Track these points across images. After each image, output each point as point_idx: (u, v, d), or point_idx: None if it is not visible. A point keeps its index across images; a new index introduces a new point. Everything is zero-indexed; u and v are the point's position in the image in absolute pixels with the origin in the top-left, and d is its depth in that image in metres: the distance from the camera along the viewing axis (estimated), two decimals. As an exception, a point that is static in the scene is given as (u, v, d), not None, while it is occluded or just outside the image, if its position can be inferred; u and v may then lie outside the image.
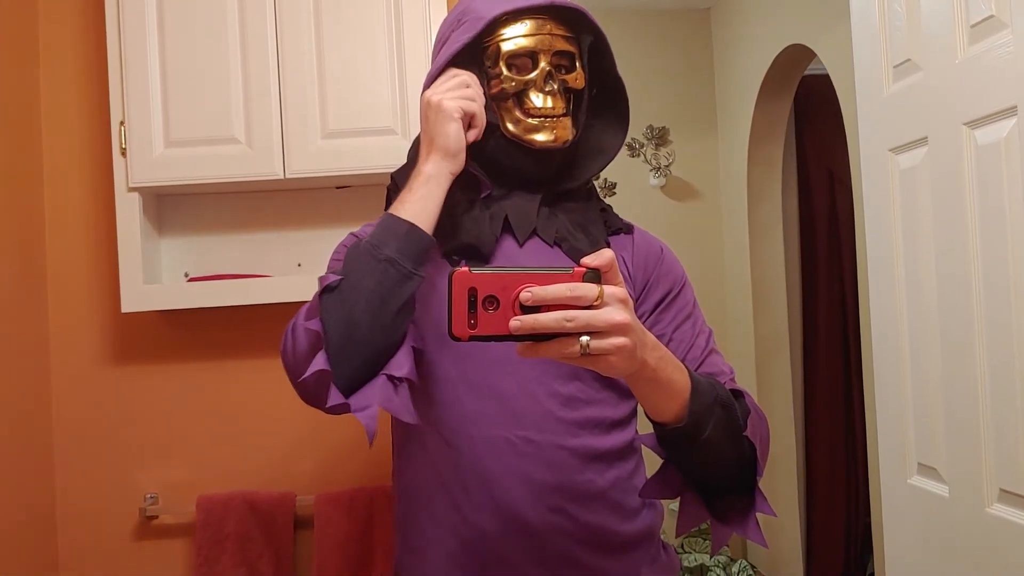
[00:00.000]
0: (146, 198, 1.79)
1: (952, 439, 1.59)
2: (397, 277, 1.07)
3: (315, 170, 1.73)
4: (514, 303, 0.84)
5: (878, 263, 1.84)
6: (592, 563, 1.17)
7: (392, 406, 1.06)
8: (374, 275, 1.06)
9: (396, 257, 1.07)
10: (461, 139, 1.13)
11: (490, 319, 0.84)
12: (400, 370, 1.07)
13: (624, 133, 1.29)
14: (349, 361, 1.05)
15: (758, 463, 1.06)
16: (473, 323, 0.84)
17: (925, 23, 1.63)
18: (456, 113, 1.12)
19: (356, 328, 1.05)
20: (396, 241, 1.08)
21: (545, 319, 0.83)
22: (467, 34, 1.19)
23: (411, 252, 1.08)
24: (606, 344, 0.84)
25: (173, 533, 1.88)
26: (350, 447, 1.90)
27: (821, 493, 4.02)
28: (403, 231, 1.09)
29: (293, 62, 1.73)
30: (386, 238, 1.08)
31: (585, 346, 0.83)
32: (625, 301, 0.85)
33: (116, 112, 1.74)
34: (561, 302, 0.83)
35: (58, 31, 1.89)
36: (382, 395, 1.06)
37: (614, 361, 0.86)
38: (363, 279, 1.06)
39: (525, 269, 0.85)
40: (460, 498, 1.17)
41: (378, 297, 1.05)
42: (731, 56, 3.95)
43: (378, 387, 1.06)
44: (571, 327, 0.83)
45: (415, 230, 1.09)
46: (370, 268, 1.06)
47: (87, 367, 1.89)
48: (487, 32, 1.20)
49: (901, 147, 1.73)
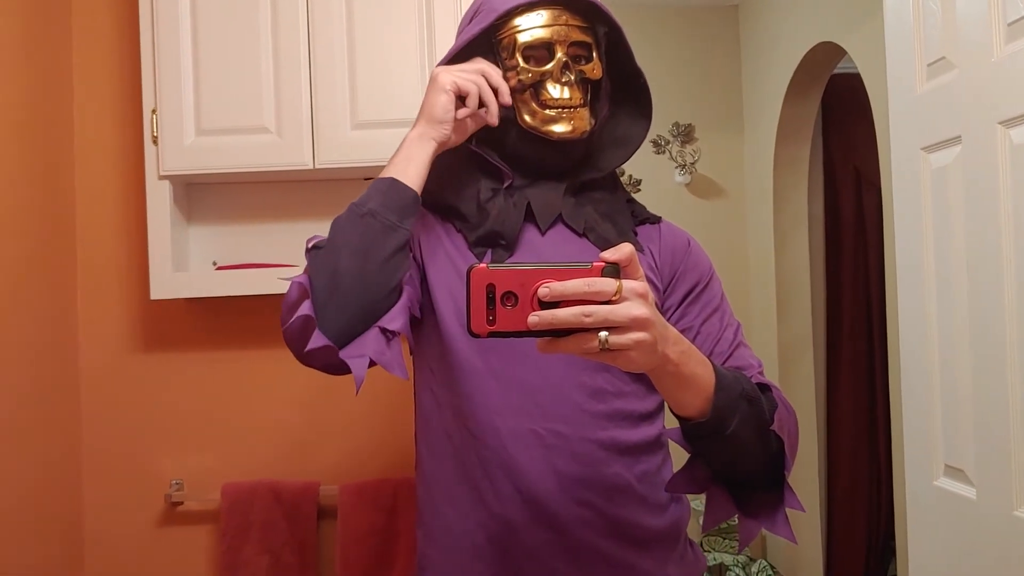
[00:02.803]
0: (176, 186, 1.81)
1: (980, 441, 1.58)
2: (379, 228, 1.09)
3: (344, 161, 1.74)
4: (532, 299, 0.83)
5: (908, 263, 1.82)
6: (618, 556, 1.17)
7: (384, 359, 1.07)
8: (356, 228, 1.09)
9: (378, 209, 1.09)
10: (448, 110, 1.15)
11: (509, 315, 0.84)
12: (393, 323, 1.08)
13: (647, 124, 1.28)
14: (335, 309, 1.06)
15: (786, 457, 1.06)
16: (492, 319, 0.84)
17: (960, 21, 1.61)
18: (448, 86, 1.15)
19: (340, 279, 1.07)
20: (378, 196, 1.11)
21: (563, 315, 0.82)
22: (480, 24, 1.20)
23: (392, 205, 1.10)
24: (625, 339, 0.83)
25: (198, 519, 1.90)
26: (375, 438, 1.91)
27: (843, 494, 3.99)
28: (384, 186, 1.12)
29: (324, 53, 1.74)
30: (368, 196, 1.12)
31: (604, 341, 0.83)
32: (644, 296, 0.85)
33: (148, 100, 1.75)
34: (579, 297, 0.83)
35: (92, 21, 1.91)
36: (375, 346, 1.07)
37: (634, 356, 0.85)
38: (347, 234, 1.09)
39: (543, 265, 0.85)
40: (485, 490, 1.16)
41: (362, 249, 1.08)
42: (759, 53, 3.93)
43: (371, 339, 1.07)
44: (589, 322, 0.82)
45: (396, 184, 1.12)
46: (352, 223, 1.09)
47: (116, 353, 1.90)
48: (503, 24, 1.21)
49: (933, 146, 1.72)
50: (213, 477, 1.89)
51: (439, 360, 1.21)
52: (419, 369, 1.27)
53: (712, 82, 4.14)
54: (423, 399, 1.25)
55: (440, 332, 1.19)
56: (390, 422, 1.90)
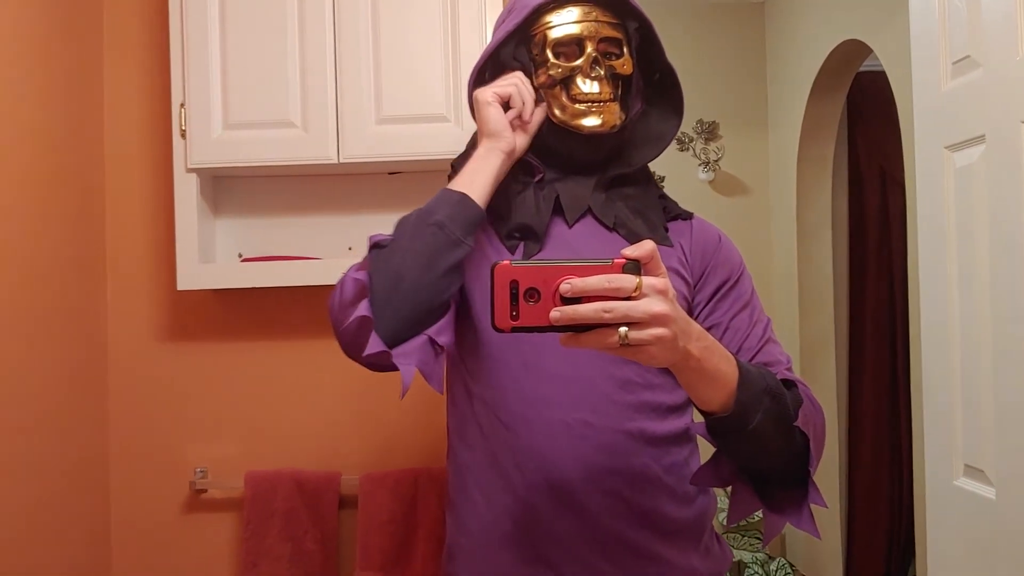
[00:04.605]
0: (203, 179, 1.83)
1: (1001, 441, 1.57)
2: (445, 241, 1.11)
3: (368, 155, 1.75)
4: (555, 295, 0.86)
5: (930, 262, 1.82)
6: (643, 545, 1.19)
7: (427, 369, 1.10)
8: (423, 237, 1.11)
9: (445, 222, 1.11)
10: (499, 119, 1.19)
11: (531, 310, 0.86)
12: (442, 336, 1.11)
13: (679, 121, 1.30)
14: (392, 313, 1.09)
15: (811, 453, 1.06)
16: (515, 314, 0.86)
17: (985, 20, 1.60)
18: (490, 98, 1.19)
19: (401, 282, 1.09)
20: (448, 208, 1.13)
21: (584, 310, 0.84)
22: (512, 22, 1.23)
23: (460, 219, 1.12)
24: (645, 334, 0.85)
25: (221, 507, 1.93)
26: (395, 429, 1.93)
27: (863, 493, 3.98)
28: (455, 200, 1.14)
29: (349, 49, 1.76)
30: (438, 206, 1.13)
31: (623, 336, 0.85)
32: (664, 292, 0.86)
33: (177, 95, 1.78)
34: (600, 293, 0.85)
35: (122, 18, 1.94)
36: (421, 355, 1.10)
37: (654, 351, 0.87)
38: (412, 241, 1.11)
39: (565, 261, 0.87)
40: (515, 480, 1.19)
41: (425, 257, 1.10)
42: (784, 50, 3.91)
43: (419, 345, 1.10)
44: (609, 318, 0.84)
45: (466, 199, 1.14)
46: (419, 231, 1.11)
47: (143, 343, 1.94)
48: (534, 21, 1.23)
49: (958, 144, 1.71)
50: (237, 466, 1.91)
51: (472, 352, 1.24)
52: (451, 360, 1.29)
53: (737, 79, 4.12)
54: (456, 391, 1.28)
55: (474, 325, 1.22)
56: (411, 414, 1.92)
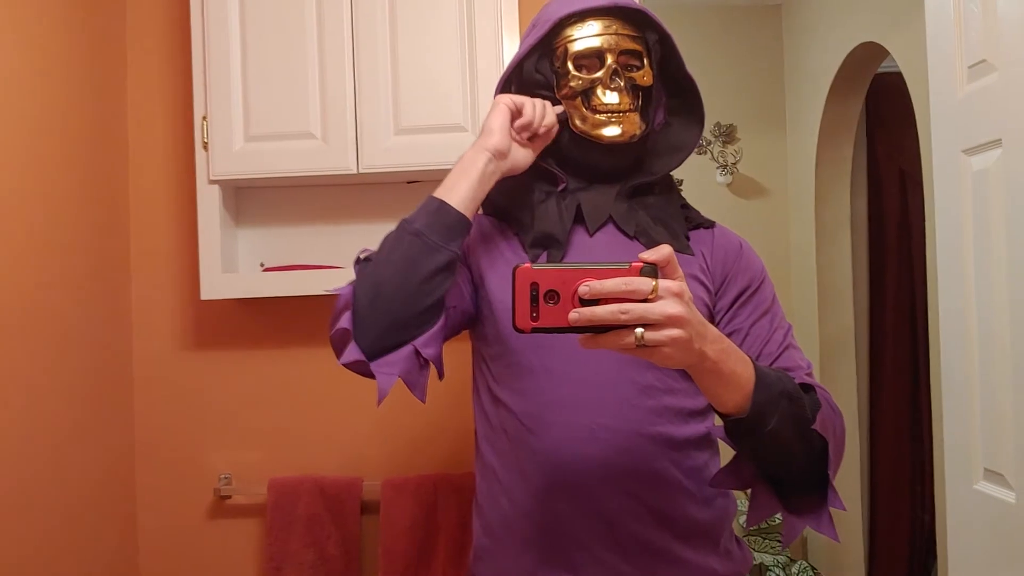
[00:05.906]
0: (225, 190, 1.87)
1: (1020, 445, 1.57)
2: (422, 248, 1.13)
3: (387, 165, 1.78)
4: (573, 297, 0.89)
5: (948, 265, 1.82)
6: (665, 548, 1.20)
7: (411, 379, 1.13)
8: (401, 247, 1.14)
9: (423, 230, 1.14)
10: (499, 120, 1.21)
11: (551, 312, 0.89)
12: (427, 348, 1.14)
13: (700, 130, 1.32)
14: (372, 323, 1.12)
15: (829, 457, 1.07)
16: (535, 316, 0.89)
17: (1002, 23, 1.60)
18: (505, 102, 1.22)
19: (380, 292, 1.12)
20: (425, 216, 1.15)
21: (601, 311, 0.87)
22: (535, 36, 1.26)
23: (438, 226, 1.14)
24: (660, 336, 0.88)
25: (245, 513, 1.95)
26: (416, 435, 1.95)
27: (885, 496, 3.95)
28: (433, 207, 1.16)
29: (368, 61, 1.78)
30: (417, 215, 1.16)
31: (640, 337, 0.88)
32: (680, 295, 0.89)
33: (199, 107, 1.81)
34: (617, 295, 0.87)
35: (145, 32, 1.98)
36: (406, 365, 1.12)
37: (669, 352, 0.89)
38: (392, 252, 1.14)
39: (584, 265, 0.90)
40: (536, 482, 1.21)
41: (402, 265, 1.13)
42: (802, 53, 3.91)
43: (404, 356, 1.13)
44: (625, 319, 0.87)
45: (443, 206, 1.16)
46: (399, 241, 1.15)
47: (167, 351, 1.97)
48: (556, 34, 1.26)
49: (974, 148, 1.71)
50: (260, 472, 1.94)
51: (497, 358, 1.26)
52: (477, 367, 1.32)
53: (754, 82, 4.12)
54: (481, 396, 1.31)
55: (498, 331, 1.25)
56: (432, 421, 1.94)
